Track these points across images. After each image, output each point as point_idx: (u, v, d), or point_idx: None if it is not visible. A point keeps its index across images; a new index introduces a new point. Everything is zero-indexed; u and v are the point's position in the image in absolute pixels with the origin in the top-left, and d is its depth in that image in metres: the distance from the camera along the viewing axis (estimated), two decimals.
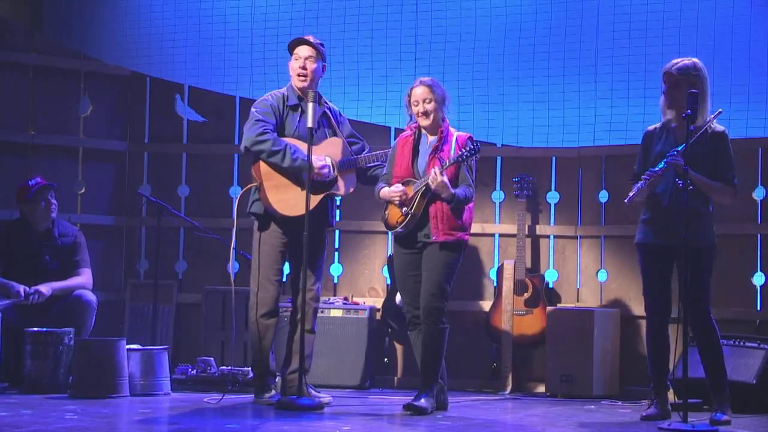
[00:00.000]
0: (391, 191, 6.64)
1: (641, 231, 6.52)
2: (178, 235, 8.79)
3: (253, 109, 6.93)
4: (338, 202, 7.78)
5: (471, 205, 6.69)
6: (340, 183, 6.95)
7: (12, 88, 8.60)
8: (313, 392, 6.85)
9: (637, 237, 6.54)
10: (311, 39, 6.93)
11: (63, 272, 7.70)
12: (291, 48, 6.96)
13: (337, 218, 7.94)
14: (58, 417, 5.98)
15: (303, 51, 6.90)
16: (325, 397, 6.90)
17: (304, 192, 6.62)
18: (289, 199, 6.83)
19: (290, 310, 7.08)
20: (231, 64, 9.01)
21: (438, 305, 6.56)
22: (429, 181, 6.49)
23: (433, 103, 6.65)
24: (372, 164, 7.03)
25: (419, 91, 6.67)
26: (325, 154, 6.88)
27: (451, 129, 6.71)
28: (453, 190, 6.52)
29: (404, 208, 6.59)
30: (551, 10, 8.54)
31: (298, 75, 6.91)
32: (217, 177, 8.81)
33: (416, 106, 6.66)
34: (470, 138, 6.68)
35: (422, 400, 6.49)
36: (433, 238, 6.55)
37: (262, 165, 6.82)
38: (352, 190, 7.02)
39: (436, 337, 6.57)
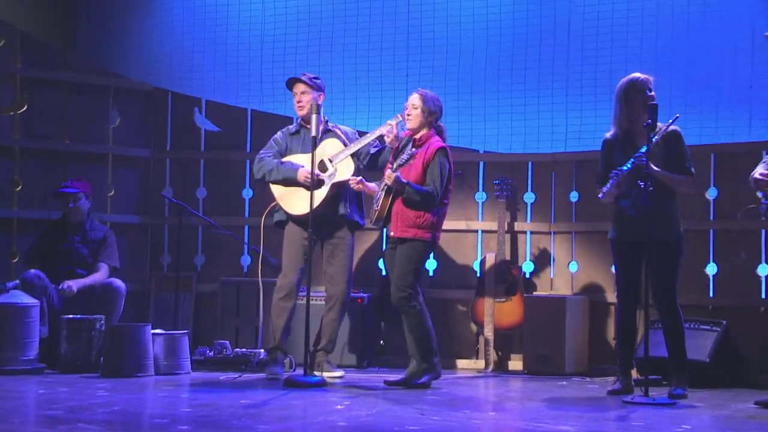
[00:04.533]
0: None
1: (612, 229, 6.68)
2: (197, 232, 9.00)
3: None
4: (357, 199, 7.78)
5: (444, 209, 6.92)
6: (338, 173, 7.27)
7: (49, 102, 8.81)
8: (331, 368, 7.41)
9: (609, 234, 6.71)
10: (303, 78, 7.40)
11: (90, 258, 8.07)
12: (288, 86, 7.51)
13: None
14: (91, 394, 6.23)
15: (297, 88, 7.48)
16: (338, 371, 7.42)
17: (308, 192, 7.07)
18: (296, 200, 7.34)
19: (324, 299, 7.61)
20: (243, 80, 9.19)
21: (401, 295, 6.76)
22: (385, 178, 6.76)
23: (417, 111, 6.81)
24: (374, 149, 7.32)
25: (411, 98, 6.91)
26: (321, 154, 7.32)
27: (434, 138, 6.84)
28: (405, 181, 6.68)
29: (373, 206, 6.91)
30: (527, 32, 8.62)
31: (296, 107, 7.48)
32: (232, 180, 9.04)
33: (406, 110, 6.89)
34: (439, 149, 6.79)
35: (424, 378, 6.79)
36: (391, 233, 6.86)
37: (271, 185, 7.43)
38: (352, 175, 7.21)
39: (413, 318, 6.77)
